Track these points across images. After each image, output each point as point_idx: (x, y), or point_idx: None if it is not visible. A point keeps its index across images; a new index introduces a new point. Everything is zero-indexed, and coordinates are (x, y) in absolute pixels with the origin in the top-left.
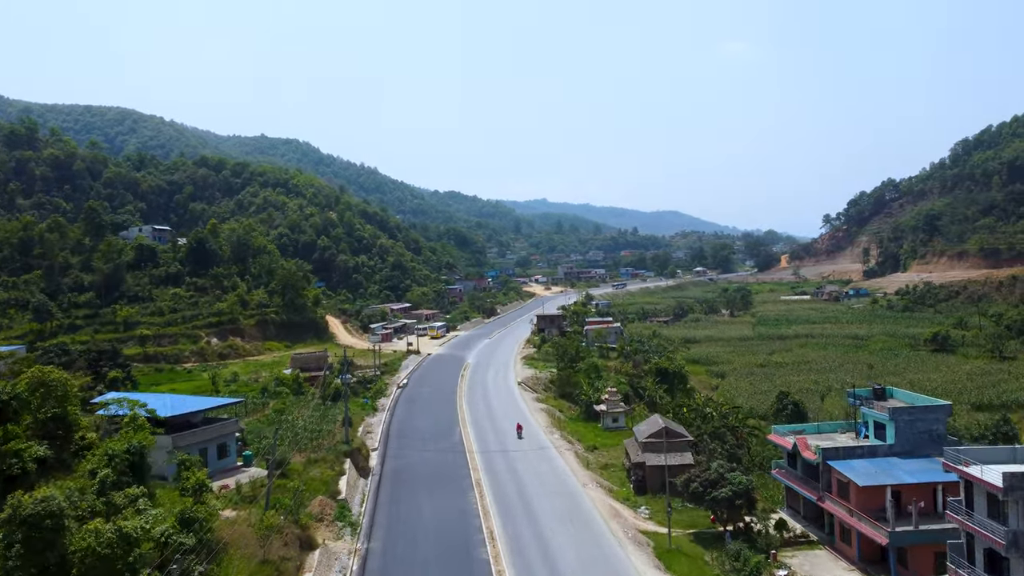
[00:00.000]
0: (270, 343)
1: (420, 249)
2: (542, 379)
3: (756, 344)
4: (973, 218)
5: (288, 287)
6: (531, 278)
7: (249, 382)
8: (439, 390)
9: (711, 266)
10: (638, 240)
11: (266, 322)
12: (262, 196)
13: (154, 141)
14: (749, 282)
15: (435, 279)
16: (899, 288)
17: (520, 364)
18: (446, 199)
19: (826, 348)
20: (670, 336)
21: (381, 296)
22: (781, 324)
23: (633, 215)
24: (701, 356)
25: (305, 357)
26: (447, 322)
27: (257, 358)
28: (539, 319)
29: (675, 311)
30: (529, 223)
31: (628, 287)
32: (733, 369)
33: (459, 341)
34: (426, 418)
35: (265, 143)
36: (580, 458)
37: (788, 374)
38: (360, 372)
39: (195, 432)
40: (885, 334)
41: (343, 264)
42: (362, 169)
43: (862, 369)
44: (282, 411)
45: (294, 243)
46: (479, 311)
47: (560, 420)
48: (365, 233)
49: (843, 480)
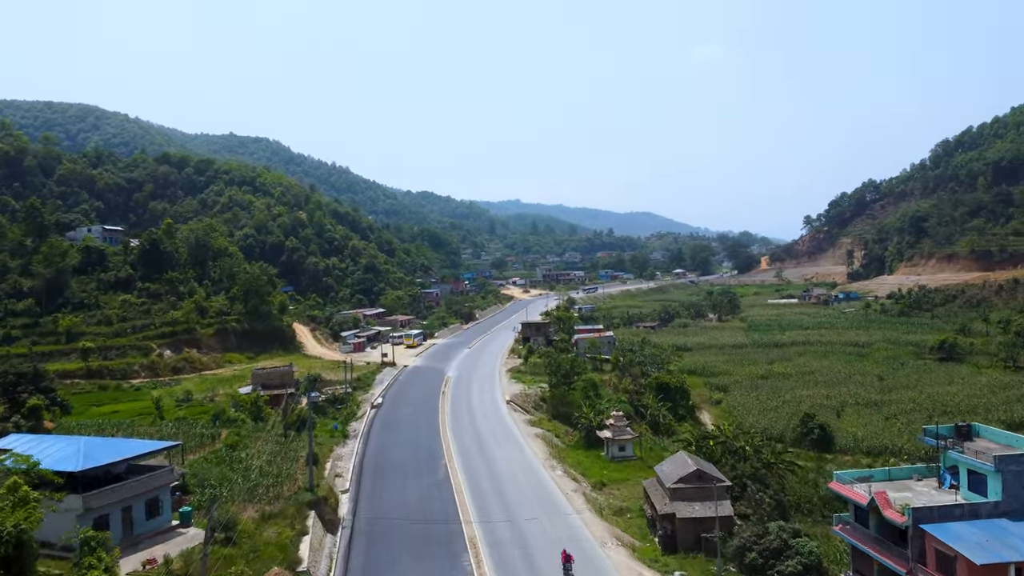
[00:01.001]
0: (231, 355)
1: (394, 251)
2: (532, 396)
3: (752, 352)
4: (960, 220)
5: (251, 293)
6: (508, 280)
7: (204, 401)
8: (419, 411)
9: (690, 268)
10: (614, 241)
11: (226, 332)
12: (227, 195)
13: (118, 139)
14: (731, 284)
15: (410, 282)
16: (891, 292)
17: (506, 378)
18: (419, 199)
19: (827, 357)
20: (660, 343)
21: (353, 301)
22: (773, 330)
23: (607, 216)
24: (697, 366)
25: (268, 373)
26: (424, 329)
27: (216, 372)
28: (524, 327)
29: (661, 315)
30: (503, 224)
31: (608, 290)
32: (735, 382)
33: (437, 350)
34: (405, 448)
35: (234, 141)
36: (590, 502)
37: (794, 387)
38: (329, 389)
39: (116, 489)
40: (886, 341)
41: (313, 267)
42: (333, 168)
43: (872, 381)
44: (235, 446)
45: (261, 244)
46: (457, 316)
47: (559, 449)
48: (336, 234)
49: (947, 553)
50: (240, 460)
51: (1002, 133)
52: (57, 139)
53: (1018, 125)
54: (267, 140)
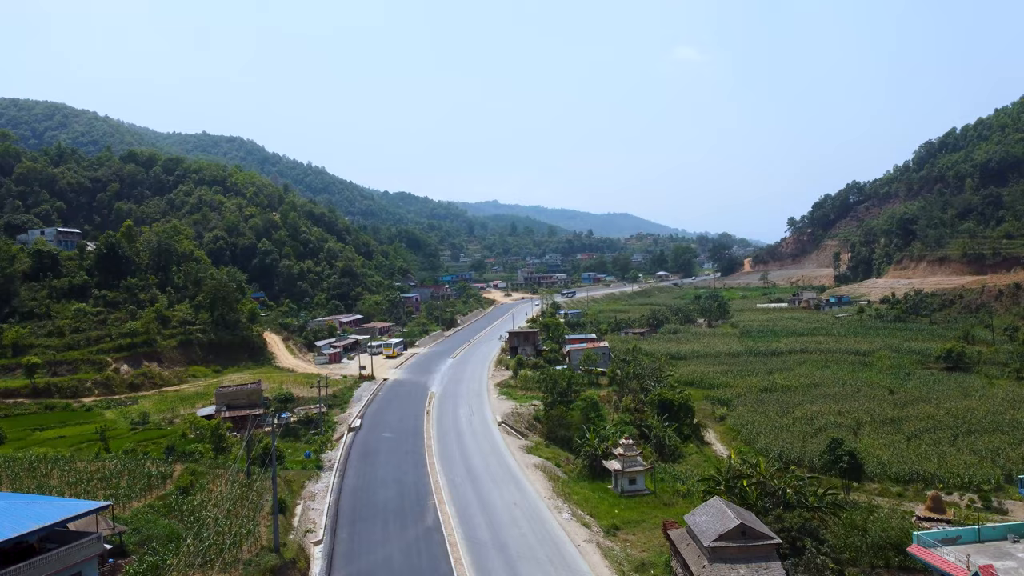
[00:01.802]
0: (195, 368)
1: (371, 253)
2: (524, 415)
3: (749, 361)
4: (950, 222)
5: (218, 300)
6: (489, 283)
7: (162, 423)
8: (401, 436)
9: (672, 270)
10: (593, 243)
11: (190, 343)
12: (196, 195)
13: (86, 137)
14: (716, 287)
15: (388, 286)
16: (884, 296)
17: (495, 393)
18: (396, 200)
19: (828, 366)
20: (652, 351)
21: (329, 307)
22: (767, 336)
23: (584, 217)
24: (694, 376)
25: (233, 391)
26: (404, 337)
27: (178, 389)
28: (511, 336)
29: (650, 321)
30: (482, 225)
31: (592, 293)
32: (737, 395)
33: (419, 361)
34: (387, 485)
35: (207, 140)
36: (607, 556)
37: (802, 401)
38: (302, 409)
39: (24, 569)
40: (887, 349)
41: (286, 270)
42: (309, 168)
43: (882, 394)
44: (190, 488)
45: (231, 247)
46: (437, 322)
47: (562, 483)
48: (311, 236)
49: None
50: (193, 510)
51: (986, 135)
52: (15, 136)
53: (1003, 127)
54: (241, 139)
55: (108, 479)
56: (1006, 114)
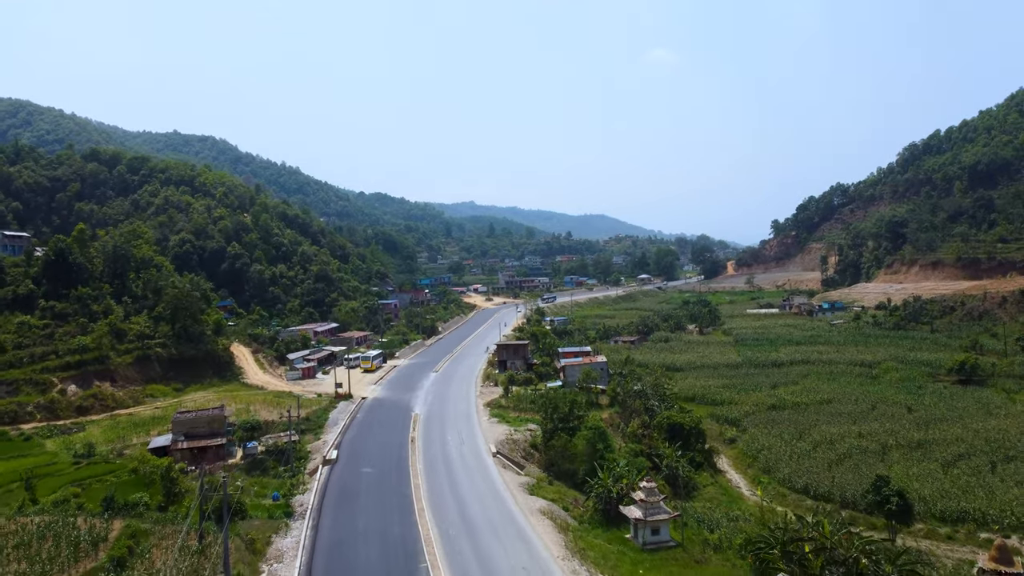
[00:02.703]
0: (153, 387)
1: (348, 256)
2: (520, 443)
3: (749, 374)
4: (941, 225)
5: (180, 311)
6: (469, 287)
7: (111, 455)
8: (384, 472)
9: (654, 273)
10: (572, 244)
11: (148, 359)
12: (163, 195)
13: (52, 135)
14: (701, 291)
15: (365, 291)
16: (879, 302)
17: (485, 416)
18: (373, 201)
19: (834, 379)
20: (646, 362)
21: (303, 314)
22: (764, 345)
23: (561, 218)
24: (694, 391)
25: (193, 419)
26: (383, 348)
27: (132, 411)
28: (499, 349)
29: (639, 328)
30: (459, 226)
31: (576, 297)
32: (745, 414)
33: (400, 376)
34: (369, 539)
35: (178, 140)
36: None
37: (816, 420)
38: (271, 437)
39: None
40: (893, 360)
41: (257, 275)
42: (283, 168)
43: (900, 413)
44: (125, 561)
45: (199, 251)
46: (418, 330)
47: (574, 533)
48: (284, 239)
49: None
50: None
51: (972, 137)
52: None
53: (988, 129)
54: (213, 139)
55: (26, 545)
56: (991, 116)
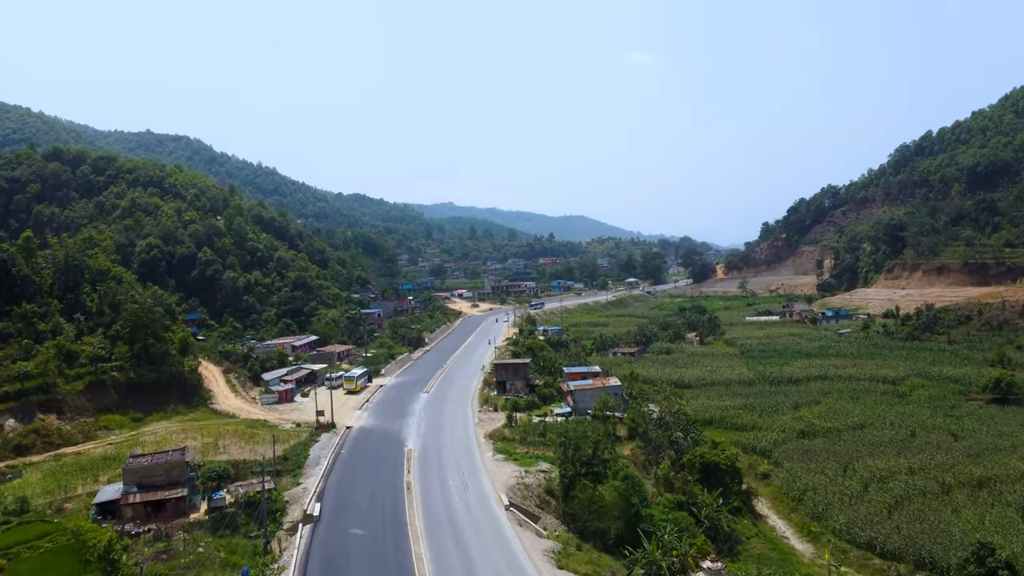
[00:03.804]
0: (108, 418)
1: (327, 261)
2: (533, 488)
3: (765, 392)
4: (943, 229)
5: (140, 328)
6: (454, 292)
7: (48, 512)
8: (376, 531)
9: (641, 276)
10: (555, 246)
11: (103, 385)
12: (129, 197)
13: (18, 134)
14: (693, 296)
15: (346, 299)
16: (886, 310)
17: (488, 450)
18: (351, 202)
19: (858, 398)
20: (652, 378)
21: (279, 325)
22: (772, 357)
23: (541, 219)
24: (710, 413)
25: (147, 466)
26: (367, 364)
27: (81, 449)
28: (497, 368)
29: (637, 338)
30: (439, 227)
31: (565, 303)
32: (775, 443)
33: (387, 398)
34: None
35: (151, 139)
36: None
37: (856, 451)
38: (242, 487)
39: None
40: (917, 376)
41: (231, 283)
42: (259, 169)
43: (945, 440)
44: None
45: (167, 257)
46: (403, 342)
47: None
48: (260, 243)
49: None
50: None
51: (966, 138)
52: None
53: (983, 130)
54: (187, 138)
55: None
56: (984, 116)
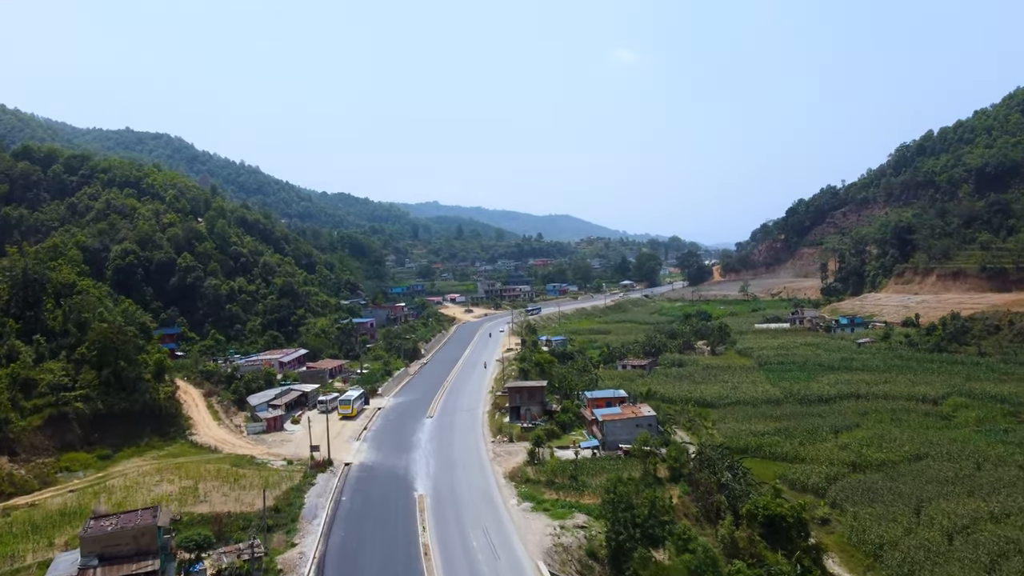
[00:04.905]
0: (72, 456)
1: (314, 265)
2: (574, 550)
3: (797, 413)
4: (956, 232)
5: (109, 351)
6: (446, 297)
7: None
8: None
9: (636, 278)
10: (544, 247)
11: (65, 418)
12: (104, 199)
13: None
14: (693, 300)
15: (335, 307)
16: (906, 318)
17: (513, 498)
18: (336, 201)
19: (899, 420)
20: (670, 396)
21: (266, 337)
22: (794, 371)
23: (526, 219)
24: (743, 439)
25: (111, 534)
26: (363, 382)
27: (37, 499)
28: (511, 393)
29: (646, 349)
30: (425, 227)
31: (563, 308)
32: (825, 479)
33: (386, 424)
34: None
35: (130, 137)
36: None
37: (921, 489)
38: (226, 553)
39: None
40: (958, 393)
41: (213, 291)
42: (242, 168)
43: (1015, 475)
44: None
45: (144, 264)
46: (398, 353)
47: None
48: (244, 248)
49: None
50: None
51: (969, 138)
52: None
53: (988, 129)
54: (168, 136)
55: None
56: (987, 116)
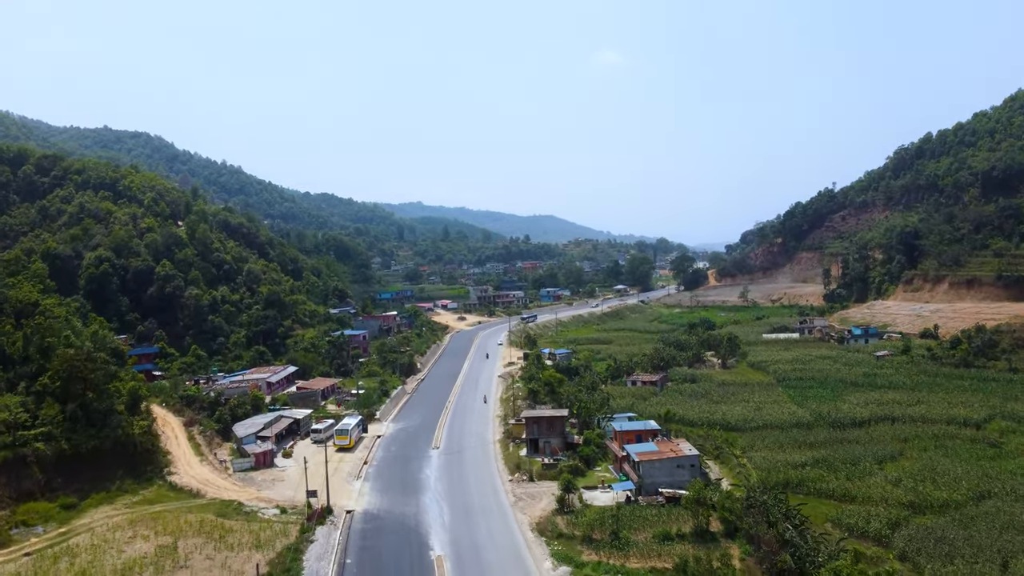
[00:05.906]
0: (31, 507)
1: (301, 271)
2: None
3: (832, 440)
4: (968, 238)
5: (76, 381)
6: (437, 303)
7: None
8: None
9: (628, 282)
10: (532, 249)
11: (23, 462)
12: (77, 202)
13: None
14: (691, 306)
15: (324, 316)
16: (924, 329)
17: (548, 562)
18: (319, 202)
19: (942, 446)
20: (689, 418)
21: (252, 352)
22: (815, 388)
23: (511, 219)
24: (778, 471)
25: None
26: (359, 404)
27: None
28: (528, 424)
29: (654, 362)
30: (411, 228)
31: (560, 315)
32: (887, 523)
33: (389, 456)
34: None
35: (108, 136)
36: None
37: (996, 536)
38: None
39: None
40: (1001, 417)
41: (194, 301)
42: (224, 167)
43: None
44: None
45: (120, 272)
46: (393, 368)
47: None
48: (227, 254)
49: None
50: None
51: (970, 140)
52: None
53: (991, 132)
54: (147, 135)
55: None
56: (988, 118)
